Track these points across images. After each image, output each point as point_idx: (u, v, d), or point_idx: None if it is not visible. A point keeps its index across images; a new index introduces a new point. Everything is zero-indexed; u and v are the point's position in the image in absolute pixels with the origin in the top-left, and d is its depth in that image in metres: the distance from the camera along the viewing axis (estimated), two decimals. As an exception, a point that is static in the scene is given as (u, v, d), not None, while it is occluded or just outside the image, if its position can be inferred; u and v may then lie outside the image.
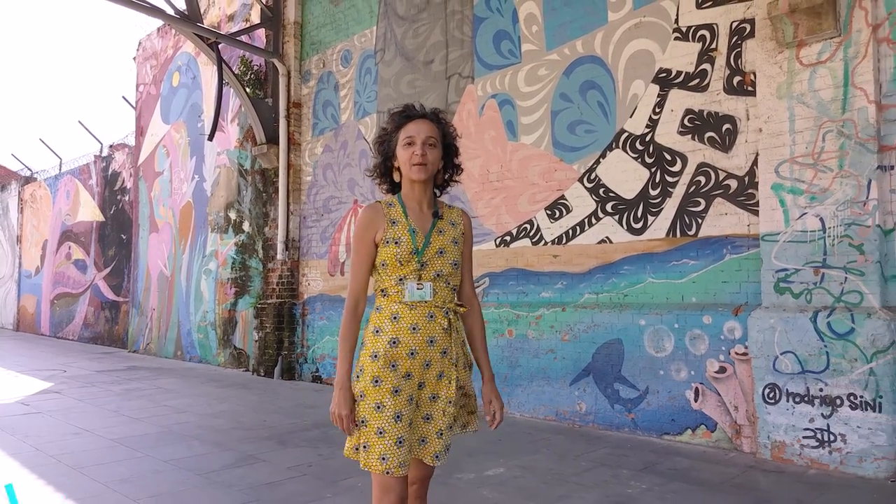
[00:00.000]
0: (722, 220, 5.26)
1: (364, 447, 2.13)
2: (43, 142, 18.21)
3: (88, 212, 16.10)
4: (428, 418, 2.22)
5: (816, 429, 4.52)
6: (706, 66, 5.40)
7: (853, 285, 4.47)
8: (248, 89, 9.84)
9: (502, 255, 6.78)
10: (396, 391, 2.13)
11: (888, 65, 4.51)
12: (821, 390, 4.51)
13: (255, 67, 10.01)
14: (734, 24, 5.25)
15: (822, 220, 4.62)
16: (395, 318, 2.17)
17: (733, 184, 5.21)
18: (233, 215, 10.49)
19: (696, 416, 5.24)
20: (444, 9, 7.57)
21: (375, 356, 2.14)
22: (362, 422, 2.13)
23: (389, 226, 2.21)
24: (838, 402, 4.43)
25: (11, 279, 20.48)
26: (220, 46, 9.23)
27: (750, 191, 5.09)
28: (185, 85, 12.06)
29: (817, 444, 4.51)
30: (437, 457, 2.20)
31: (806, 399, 4.57)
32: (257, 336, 9.41)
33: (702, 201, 5.38)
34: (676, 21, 5.60)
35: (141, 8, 8.16)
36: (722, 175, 5.27)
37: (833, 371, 4.46)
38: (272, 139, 9.43)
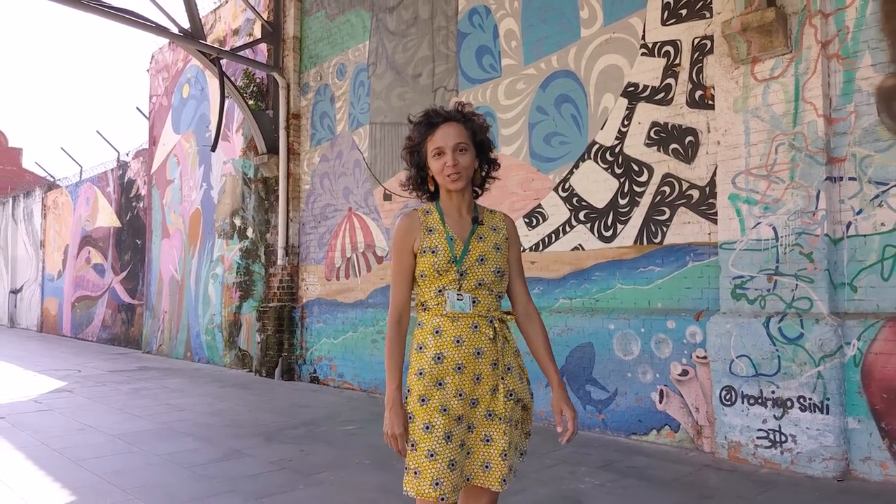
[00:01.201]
0: (685, 228, 5.48)
1: (415, 473, 2.00)
2: (64, 150, 18.80)
3: (106, 218, 16.63)
4: (488, 440, 2.07)
5: (769, 430, 4.73)
6: (670, 80, 5.63)
7: (803, 292, 4.68)
8: (250, 101, 10.21)
9: (485, 262, 7.04)
10: (445, 409, 2.02)
11: (838, 80, 4.71)
12: (773, 393, 4.72)
13: (258, 80, 10.37)
14: (696, 41, 5.47)
15: (774, 229, 4.83)
16: (437, 332, 2.07)
17: (695, 194, 5.43)
18: (238, 222, 10.87)
19: (660, 416, 5.46)
20: (430, 24, 7.86)
21: (421, 373, 2.05)
22: (412, 445, 2.03)
23: (426, 234, 2.12)
24: (789, 404, 4.64)
25: (35, 282, 21.14)
26: (223, 60, 9.60)
27: (710, 200, 5.31)
28: (194, 97, 12.48)
29: (770, 444, 4.72)
30: (504, 481, 2.05)
31: (759, 401, 4.78)
32: (259, 338, 9.77)
33: (666, 210, 5.60)
34: (643, 37, 5.83)
35: (147, 27, 8.54)
36: (685, 185, 5.49)
37: (784, 374, 4.67)
38: (273, 149, 9.79)
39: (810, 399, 4.54)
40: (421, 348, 2.09)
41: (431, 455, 1.99)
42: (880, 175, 4.50)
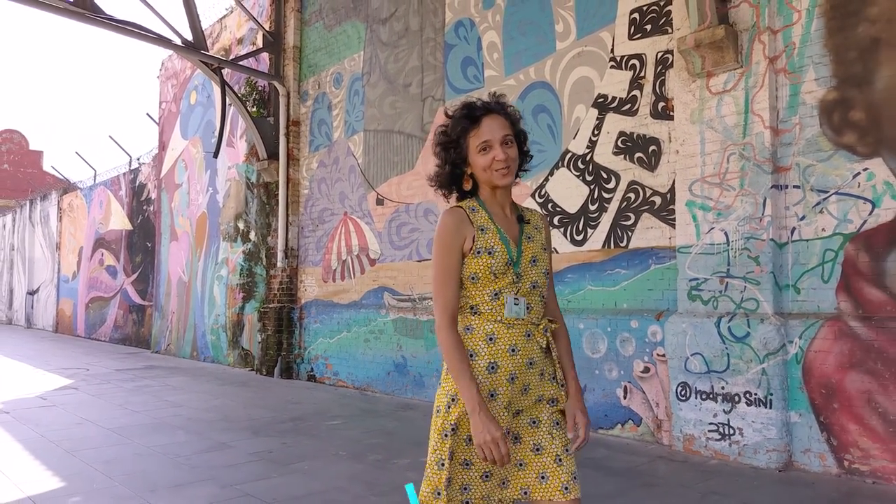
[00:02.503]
0: (648, 233, 5.76)
1: (447, 482, 1.89)
2: (79, 155, 19.36)
3: (118, 221, 17.14)
4: (538, 450, 1.98)
5: (719, 423, 5.00)
6: (636, 92, 5.91)
7: (751, 293, 4.95)
8: (253, 108, 10.60)
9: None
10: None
11: (785, 93, 4.98)
12: (722, 388, 4.99)
13: (260, 88, 10.76)
14: (659, 55, 5.76)
15: (726, 234, 5.11)
16: (490, 339, 1.94)
17: (658, 200, 5.71)
18: (241, 225, 11.27)
19: (624, 411, 5.74)
20: (420, 36, 8.19)
21: None
22: (450, 454, 1.90)
23: (479, 233, 1.97)
24: (736, 399, 4.92)
25: (51, 284, 21.73)
26: (227, 69, 10.00)
27: (671, 207, 5.58)
28: (200, 103, 12.91)
29: (720, 437, 4.99)
30: (566, 489, 1.93)
31: (711, 396, 5.06)
32: (260, 338, 10.15)
33: (632, 216, 5.88)
34: (612, 50, 6.12)
35: (151, 39, 8.95)
36: (648, 192, 5.78)
37: (732, 371, 4.95)
38: (273, 155, 10.17)
39: (756, 394, 4.82)
40: (472, 356, 1.94)
41: (466, 464, 1.91)
42: (821, 183, 4.76)
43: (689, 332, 5.20)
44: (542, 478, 1.95)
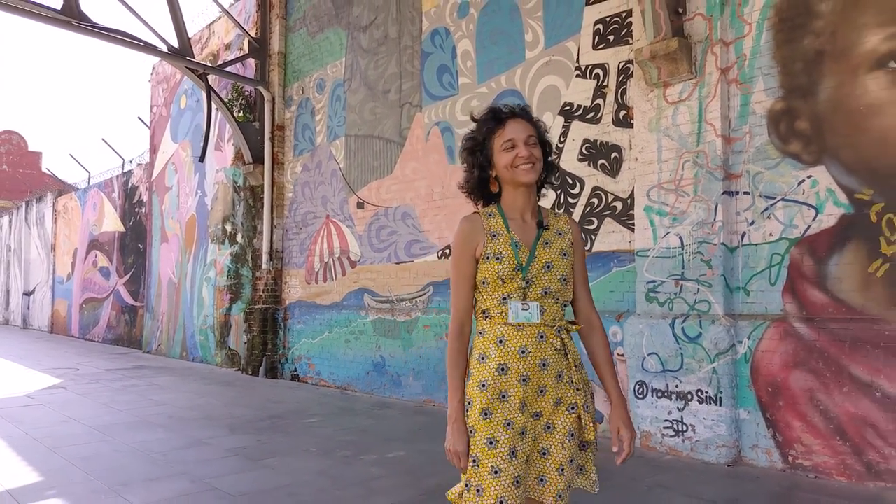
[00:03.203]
0: (610, 237, 5.96)
1: (477, 491, 1.91)
2: (73, 157, 19.58)
3: (111, 223, 17.34)
4: (545, 453, 2.01)
5: (673, 420, 5.21)
6: (599, 100, 6.12)
7: (703, 295, 5.15)
8: (239, 113, 10.81)
9: (443, 267, 7.56)
10: (509, 424, 1.94)
11: (736, 103, 5.18)
12: (676, 387, 5.20)
13: (246, 93, 10.96)
14: (620, 65, 5.96)
15: (681, 238, 5.31)
16: (500, 341, 1.98)
17: (619, 205, 5.91)
18: (228, 228, 11.47)
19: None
20: (398, 44, 8.39)
21: (484, 386, 1.95)
22: (473, 461, 1.94)
23: (490, 239, 2.02)
24: (689, 396, 5.12)
25: (46, 285, 21.93)
26: (214, 75, 10.21)
27: (631, 212, 5.79)
28: (190, 107, 13.11)
29: (674, 433, 5.20)
30: (559, 496, 2.00)
31: (666, 394, 5.26)
32: (246, 338, 10.35)
33: (595, 220, 6.09)
34: (577, 60, 6.32)
35: (137, 47, 9.15)
36: (611, 197, 5.98)
37: (686, 370, 5.15)
38: (259, 159, 10.38)
39: (707, 392, 5.02)
40: (483, 358, 1.99)
41: (496, 472, 1.90)
42: (769, 190, 4.96)
43: (645, 333, 5.41)
44: (541, 480, 1.99)
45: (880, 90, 4.47)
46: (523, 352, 1.96)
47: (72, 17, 8.51)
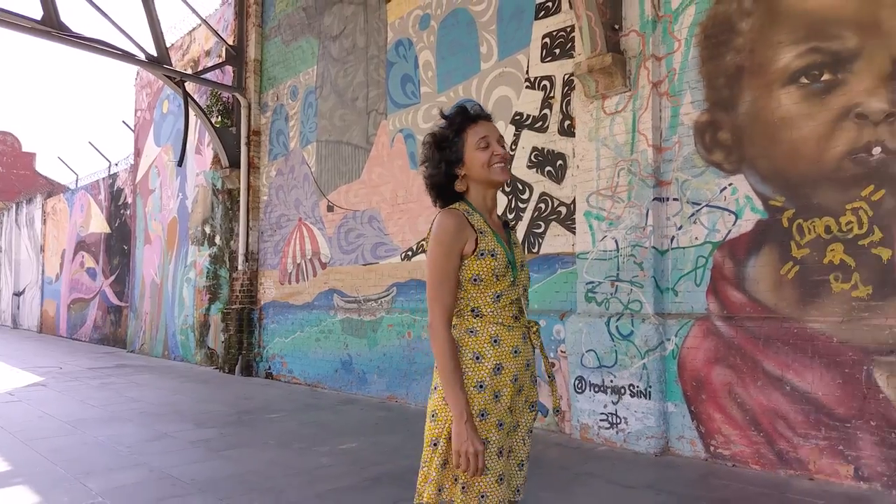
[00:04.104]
0: (556, 240, 6.28)
1: (462, 489, 1.91)
2: (61, 160, 19.83)
3: (98, 224, 17.62)
4: (510, 451, 2.03)
5: (608, 413, 5.53)
6: (546, 111, 6.44)
7: (636, 296, 5.48)
8: (217, 118, 11.11)
9: (406, 268, 7.88)
10: (501, 425, 1.96)
11: (667, 115, 5.51)
12: (611, 382, 5.52)
13: (224, 99, 11.26)
14: (565, 77, 6.28)
15: (616, 241, 5.64)
16: (495, 341, 1.96)
17: (563, 210, 6.23)
18: (208, 230, 11.78)
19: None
20: (365, 53, 8.71)
21: (481, 386, 1.93)
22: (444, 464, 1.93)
23: (480, 236, 1.98)
24: (622, 391, 5.45)
25: (36, 285, 22.19)
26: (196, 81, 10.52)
27: (573, 216, 6.11)
28: (172, 112, 13.40)
29: (609, 426, 5.52)
30: (517, 491, 2.05)
31: (602, 389, 5.59)
32: (223, 337, 10.66)
33: (542, 224, 6.41)
34: (527, 72, 6.64)
35: (116, 56, 9.44)
36: (556, 203, 6.30)
37: (619, 366, 5.48)
38: (235, 163, 10.68)
39: (638, 387, 5.35)
40: (478, 358, 1.95)
41: (483, 470, 1.90)
42: (695, 196, 5.29)
43: (584, 331, 5.73)
44: (500, 478, 1.97)
45: (792, 104, 4.80)
46: (516, 351, 1.97)
47: (51, 28, 8.79)
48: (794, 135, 4.77)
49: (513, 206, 6.68)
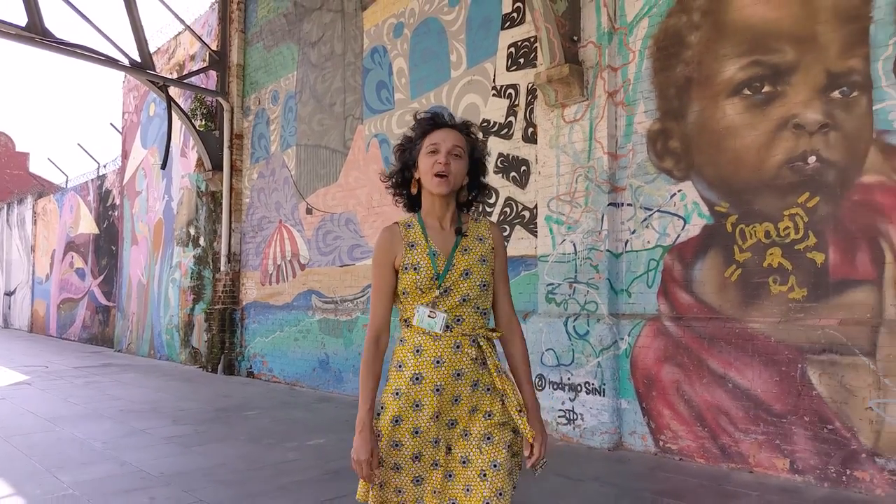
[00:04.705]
0: (520, 243, 6.51)
1: (380, 486, 1.97)
2: (51, 161, 19.98)
3: (87, 225, 17.79)
4: (465, 462, 1.98)
5: (566, 410, 5.76)
6: (512, 118, 6.66)
7: (592, 297, 5.71)
8: (202, 122, 11.31)
9: (380, 270, 8.08)
10: (417, 432, 1.96)
11: (622, 123, 5.74)
12: (568, 379, 5.75)
13: (208, 103, 11.46)
14: (529, 86, 6.50)
15: (574, 245, 5.86)
16: (417, 351, 1.97)
17: (527, 214, 6.46)
18: (192, 231, 11.98)
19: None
20: (343, 60, 8.92)
21: (398, 394, 1.96)
22: (380, 462, 1.96)
23: (408, 250, 2.01)
24: (579, 388, 5.67)
25: (26, 285, 22.34)
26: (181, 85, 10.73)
27: (536, 220, 6.33)
28: (158, 115, 13.59)
29: (567, 422, 5.75)
30: (487, 503, 1.92)
31: (560, 386, 5.81)
32: (206, 337, 10.86)
33: (507, 228, 6.63)
34: (494, 80, 6.86)
35: (100, 61, 9.62)
36: (520, 207, 6.53)
37: (576, 364, 5.70)
38: (218, 166, 10.88)
39: (593, 384, 5.57)
40: (400, 367, 2.00)
41: (397, 468, 1.96)
42: (648, 202, 5.52)
43: (544, 331, 5.96)
44: (467, 490, 1.95)
45: (736, 114, 5.03)
46: (438, 362, 1.95)
47: (35, 34, 8.98)
48: (738, 143, 5.00)
49: (480, 209, 6.90)
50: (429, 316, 1.98)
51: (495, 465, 1.95)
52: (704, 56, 5.24)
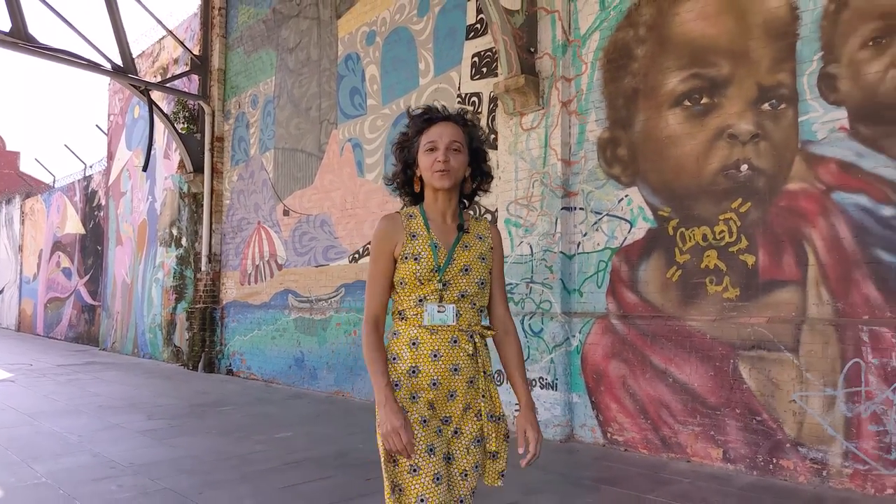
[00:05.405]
0: (481, 245, 6.78)
1: (399, 490, 1.89)
2: (38, 161, 20.15)
3: (73, 225, 17.99)
4: (449, 458, 1.98)
5: (522, 404, 6.03)
6: (475, 124, 6.93)
7: (546, 296, 5.99)
8: (183, 125, 11.55)
9: (353, 270, 8.37)
10: (425, 421, 1.92)
11: (575, 132, 6.03)
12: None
13: (190, 106, 11.70)
14: (491, 94, 6.78)
15: (531, 247, 6.15)
16: (413, 344, 1.96)
17: (489, 217, 6.73)
18: (175, 232, 12.22)
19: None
20: (318, 66, 9.19)
21: (397, 385, 1.94)
22: (393, 462, 1.91)
23: (409, 239, 2.00)
24: (534, 383, 5.96)
25: (14, 284, 22.50)
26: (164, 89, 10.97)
27: (497, 223, 6.61)
28: (143, 117, 13.80)
29: (522, 415, 6.02)
30: (460, 501, 1.98)
31: (516, 382, 6.09)
32: (188, 335, 11.11)
33: (470, 230, 6.90)
34: (459, 88, 7.14)
35: (82, 66, 9.86)
36: (483, 210, 6.81)
37: (531, 360, 5.99)
38: (200, 168, 11.13)
39: (546, 379, 5.86)
40: (395, 359, 1.97)
41: (414, 470, 1.87)
42: (598, 206, 5.81)
43: (502, 329, 6.23)
44: (436, 477, 1.94)
45: (677, 124, 5.33)
46: (435, 355, 1.94)
47: (19, 39, 9.20)
48: (679, 152, 5.30)
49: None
50: (438, 311, 1.97)
51: (476, 467, 2.02)
52: (650, 68, 5.53)
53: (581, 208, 5.94)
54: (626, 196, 5.63)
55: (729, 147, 5.01)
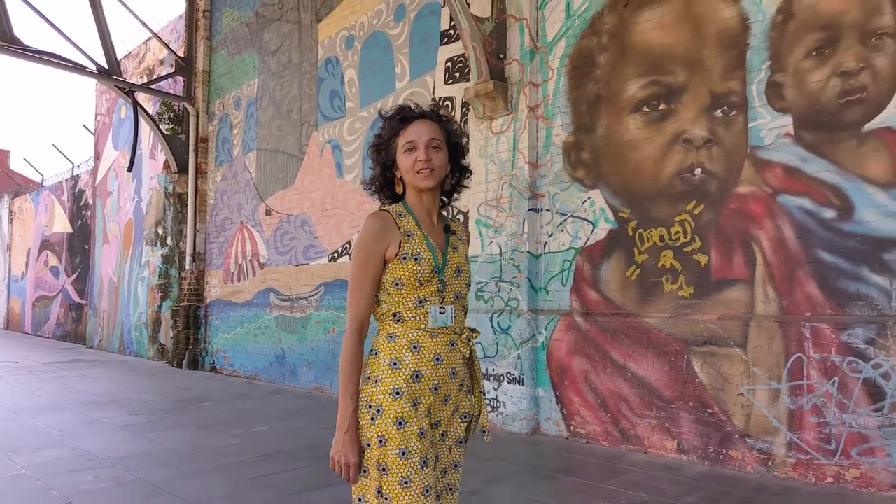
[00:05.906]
0: (454, 245, 6.98)
1: (385, 499, 1.83)
2: (27, 161, 20.24)
3: (61, 224, 18.10)
4: (435, 459, 1.96)
5: (491, 399, 6.25)
6: (448, 128, 7.13)
7: (514, 294, 6.20)
8: (169, 126, 11.71)
9: (332, 269, 8.56)
10: (422, 433, 1.86)
11: (542, 135, 6.23)
12: (493, 370, 6.24)
13: (175, 107, 11.86)
14: (463, 98, 6.98)
15: (500, 246, 6.35)
16: (415, 347, 1.89)
17: (461, 218, 6.94)
18: (160, 231, 12.38)
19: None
20: (299, 69, 9.37)
21: (398, 394, 1.85)
22: (383, 470, 1.84)
23: (406, 239, 1.92)
24: (502, 378, 6.17)
25: (2, 283, 22.57)
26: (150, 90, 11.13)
27: (468, 224, 6.82)
28: (129, 117, 13.89)
29: (491, 409, 6.24)
30: (437, 497, 1.94)
31: (486, 377, 6.30)
32: (172, 333, 11.27)
33: (443, 230, 7.11)
34: (433, 92, 7.34)
35: (67, 67, 10.00)
36: (455, 211, 7.01)
37: (500, 356, 6.20)
38: (184, 168, 11.29)
39: (513, 374, 6.07)
40: (396, 364, 1.88)
41: (405, 482, 1.82)
42: (563, 208, 6.03)
43: (472, 326, 6.43)
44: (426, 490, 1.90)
45: (637, 129, 5.54)
46: (437, 359, 1.90)
47: (4, 41, 9.34)
48: (638, 156, 5.52)
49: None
50: (440, 313, 1.93)
51: (455, 465, 2.02)
52: (612, 75, 5.75)
53: (547, 209, 6.15)
54: (590, 198, 5.84)
55: (684, 151, 5.23)
